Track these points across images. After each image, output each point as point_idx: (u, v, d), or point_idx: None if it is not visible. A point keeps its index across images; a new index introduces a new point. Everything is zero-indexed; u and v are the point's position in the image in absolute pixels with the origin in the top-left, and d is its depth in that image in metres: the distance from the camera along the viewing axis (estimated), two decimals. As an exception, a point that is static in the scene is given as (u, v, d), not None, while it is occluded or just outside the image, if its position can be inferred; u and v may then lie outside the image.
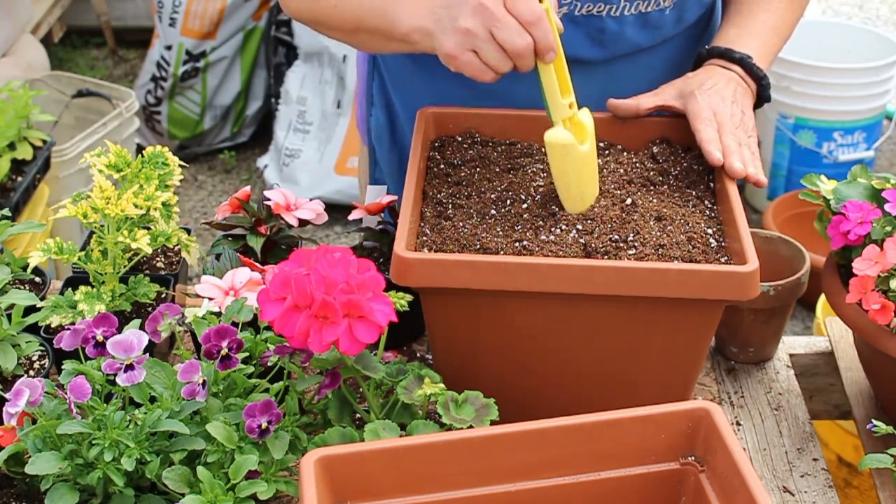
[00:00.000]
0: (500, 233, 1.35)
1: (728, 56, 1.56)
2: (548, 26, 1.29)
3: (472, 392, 1.25)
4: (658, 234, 1.33)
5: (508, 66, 1.31)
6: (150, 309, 1.50)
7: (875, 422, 1.29)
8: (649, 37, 1.61)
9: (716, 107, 1.48)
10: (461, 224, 1.35)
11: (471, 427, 1.20)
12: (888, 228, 1.36)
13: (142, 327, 1.29)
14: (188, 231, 1.62)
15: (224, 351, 1.23)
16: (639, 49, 1.61)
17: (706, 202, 1.41)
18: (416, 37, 1.38)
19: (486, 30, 1.29)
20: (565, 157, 1.35)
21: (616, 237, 1.33)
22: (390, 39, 1.43)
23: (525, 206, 1.43)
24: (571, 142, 1.35)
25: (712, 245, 1.33)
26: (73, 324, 1.34)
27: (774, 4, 1.63)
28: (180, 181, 1.54)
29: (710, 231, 1.35)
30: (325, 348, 1.14)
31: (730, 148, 1.43)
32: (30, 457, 1.17)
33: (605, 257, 1.30)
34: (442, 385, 1.24)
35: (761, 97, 1.58)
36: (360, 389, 1.55)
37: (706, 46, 1.60)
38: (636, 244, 1.31)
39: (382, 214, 1.61)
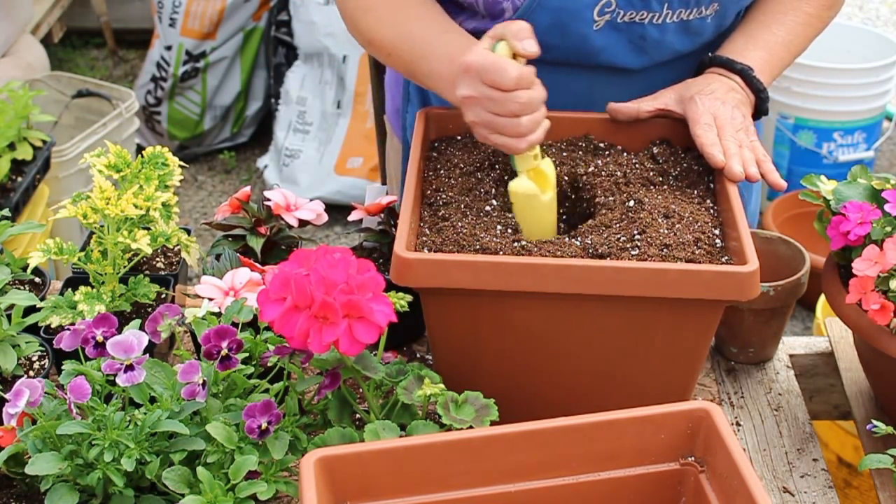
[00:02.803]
0: (500, 233, 1.35)
1: (729, 66, 1.56)
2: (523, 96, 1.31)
3: (471, 392, 1.25)
4: (666, 232, 1.33)
5: (519, 127, 1.33)
6: (149, 309, 1.50)
7: (875, 422, 1.29)
8: (689, 43, 1.60)
9: (716, 111, 1.48)
10: (461, 224, 1.35)
11: (471, 427, 1.20)
12: (888, 229, 1.36)
13: (142, 328, 1.29)
14: (188, 231, 1.62)
15: (224, 351, 1.23)
16: (678, 55, 1.61)
17: (706, 202, 1.41)
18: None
19: (485, 111, 1.34)
20: (527, 205, 1.40)
21: (621, 237, 1.33)
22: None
23: (525, 206, 1.43)
24: (535, 192, 1.39)
25: (717, 245, 1.33)
26: (73, 324, 1.34)
27: (790, 17, 1.62)
28: (180, 181, 1.54)
29: (716, 231, 1.35)
30: (324, 349, 1.14)
31: (729, 150, 1.43)
32: (30, 457, 1.17)
33: (608, 258, 1.30)
34: (442, 385, 1.24)
35: (759, 110, 1.57)
36: (360, 390, 1.55)
37: (709, 54, 1.59)
38: (640, 244, 1.31)
39: (382, 215, 1.61)
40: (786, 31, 1.61)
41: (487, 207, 1.40)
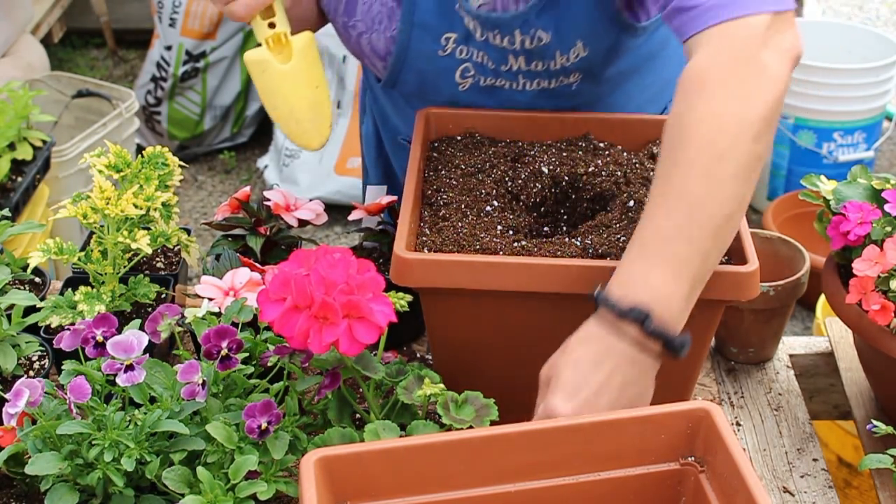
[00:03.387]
0: (500, 233, 1.35)
1: (614, 309, 1.13)
2: None
3: (472, 392, 1.25)
4: None
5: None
6: (150, 309, 1.50)
7: (875, 422, 1.29)
8: (567, 103, 1.52)
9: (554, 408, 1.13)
10: (461, 224, 1.35)
11: (471, 427, 1.20)
12: (888, 229, 1.36)
13: (142, 328, 1.29)
14: (188, 231, 1.62)
15: (224, 351, 1.23)
16: (582, 93, 1.51)
17: (706, 202, 1.41)
18: None
19: None
20: (262, 74, 1.34)
21: (621, 237, 1.33)
22: None
23: (525, 206, 1.43)
24: (267, 58, 1.34)
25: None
26: (73, 324, 1.34)
27: (676, 183, 1.16)
28: (180, 181, 1.54)
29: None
30: (324, 349, 1.14)
31: None
32: (30, 457, 1.17)
33: (608, 258, 1.30)
34: (442, 385, 1.24)
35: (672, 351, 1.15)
36: (360, 390, 1.55)
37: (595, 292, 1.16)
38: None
39: (382, 215, 1.61)
40: (682, 210, 1.14)
41: (488, 208, 1.40)
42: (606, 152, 1.51)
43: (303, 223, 1.57)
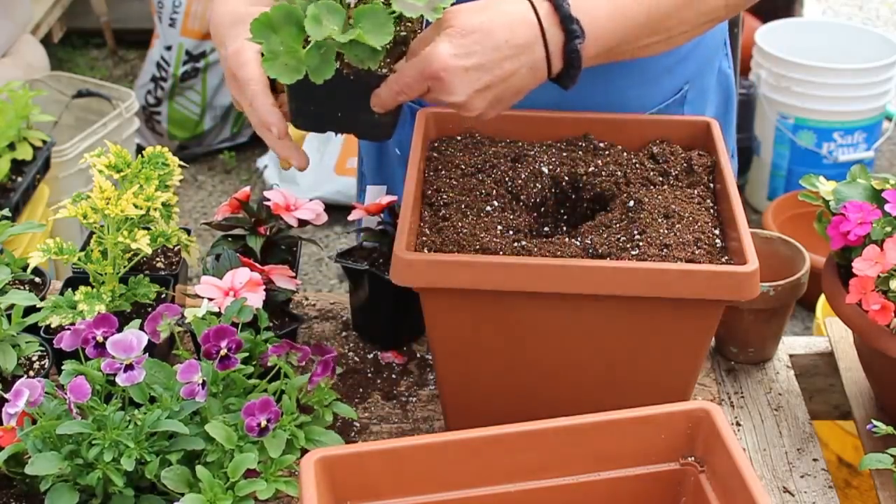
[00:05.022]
0: (500, 233, 1.35)
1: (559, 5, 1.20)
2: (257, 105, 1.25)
3: None
4: (666, 232, 1.33)
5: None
6: (149, 309, 1.50)
7: (875, 422, 1.29)
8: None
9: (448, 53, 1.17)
10: (461, 224, 1.35)
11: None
12: (888, 229, 1.36)
13: (141, 327, 1.29)
14: (188, 231, 1.62)
15: (223, 351, 1.23)
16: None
17: (706, 202, 1.41)
18: None
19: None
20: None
21: (621, 237, 1.33)
22: None
23: (525, 206, 1.43)
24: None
25: (717, 245, 1.33)
26: (73, 324, 1.34)
27: None
28: (180, 181, 1.54)
29: (716, 231, 1.36)
30: None
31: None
32: (30, 457, 1.17)
33: (608, 258, 1.30)
34: None
35: (564, 69, 1.22)
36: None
37: None
38: (640, 244, 1.31)
39: (382, 215, 1.61)
40: None
41: (488, 208, 1.40)
42: (606, 152, 1.51)
43: (303, 223, 1.57)
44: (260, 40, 1.16)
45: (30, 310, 1.42)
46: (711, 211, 1.40)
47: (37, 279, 1.59)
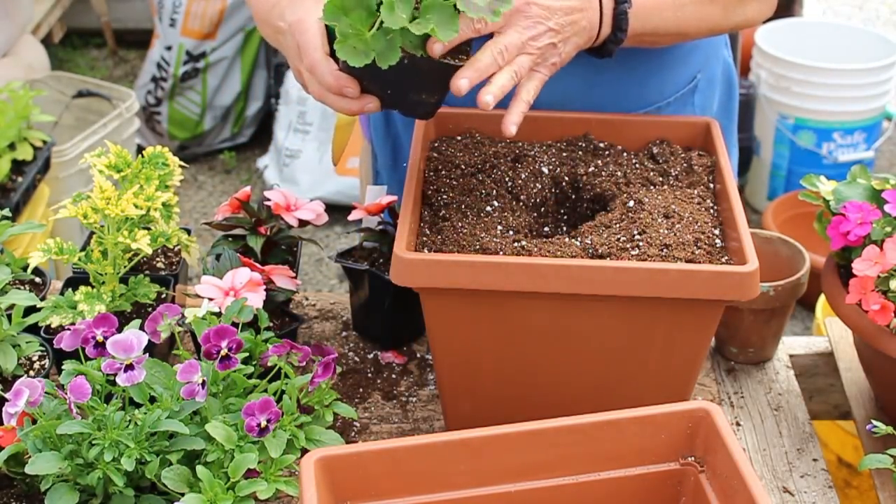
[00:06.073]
0: (500, 233, 1.35)
1: None
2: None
3: None
4: (666, 232, 1.33)
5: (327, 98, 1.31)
6: (150, 309, 1.50)
7: (875, 422, 1.29)
8: (569, 81, 1.48)
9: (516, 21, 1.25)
10: (461, 224, 1.35)
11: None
12: (888, 229, 1.36)
13: (142, 327, 1.29)
14: (188, 231, 1.62)
15: (223, 351, 1.23)
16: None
17: (706, 202, 1.41)
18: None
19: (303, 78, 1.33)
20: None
21: (621, 237, 1.33)
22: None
23: (525, 206, 1.43)
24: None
25: (717, 245, 1.33)
26: (73, 324, 1.34)
27: None
28: (180, 181, 1.54)
29: (716, 231, 1.36)
30: None
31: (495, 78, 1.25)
32: (30, 457, 1.17)
33: (608, 258, 1.30)
34: None
35: (611, 36, 1.34)
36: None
37: None
38: (640, 244, 1.31)
39: (382, 215, 1.61)
40: None
41: (488, 208, 1.40)
42: (606, 152, 1.51)
43: (303, 223, 1.57)
44: (332, 22, 1.20)
45: (30, 310, 1.42)
46: (711, 211, 1.40)
47: (37, 279, 1.59)
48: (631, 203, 1.39)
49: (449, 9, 1.19)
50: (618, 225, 1.36)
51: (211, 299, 1.38)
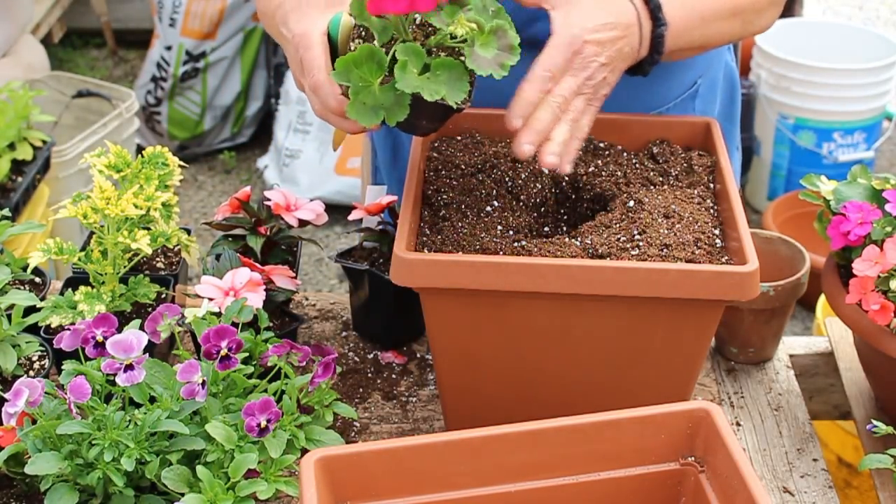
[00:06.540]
0: (500, 233, 1.35)
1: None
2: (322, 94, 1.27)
3: (501, 24, 1.19)
4: (666, 232, 1.33)
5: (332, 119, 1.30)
6: (150, 309, 1.50)
7: (875, 422, 1.29)
8: None
9: (564, 53, 1.23)
10: (461, 224, 1.35)
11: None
12: (888, 229, 1.36)
13: (142, 327, 1.29)
14: (188, 231, 1.62)
15: (223, 351, 1.23)
16: None
17: (706, 202, 1.41)
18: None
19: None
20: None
21: (621, 237, 1.33)
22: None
23: (525, 206, 1.43)
24: None
25: (717, 245, 1.33)
26: (73, 324, 1.34)
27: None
28: (180, 181, 1.54)
29: (716, 231, 1.36)
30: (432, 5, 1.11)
31: (534, 121, 1.23)
32: (30, 457, 1.17)
33: (608, 258, 1.30)
34: (474, 26, 1.18)
35: (650, 54, 1.34)
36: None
37: None
38: (640, 244, 1.31)
39: (382, 215, 1.61)
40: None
41: (488, 208, 1.40)
42: (606, 152, 1.51)
43: (303, 223, 1.57)
44: (344, 81, 1.19)
45: (30, 310, 1.42)
46: (711, 211, 1.40)
47: (37, 279, 1.59)
48: (631, 203, 1.39)
49: (460, 67, 1.19)
50: (618, 225, 1.36)
51: (211, 299, 1.38)
